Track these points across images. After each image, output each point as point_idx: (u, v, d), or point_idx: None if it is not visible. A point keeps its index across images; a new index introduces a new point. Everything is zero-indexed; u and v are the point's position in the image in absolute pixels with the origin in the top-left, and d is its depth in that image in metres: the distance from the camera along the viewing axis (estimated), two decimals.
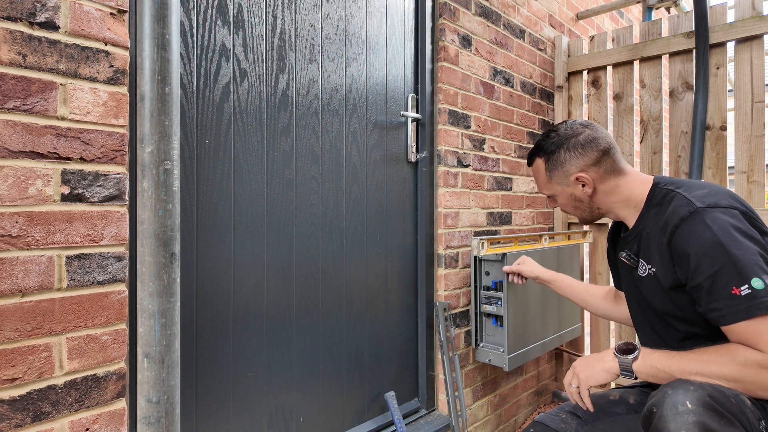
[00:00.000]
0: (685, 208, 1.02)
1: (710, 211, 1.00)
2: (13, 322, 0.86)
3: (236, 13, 1.30)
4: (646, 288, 1.16)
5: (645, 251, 1.15)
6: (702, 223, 0.99)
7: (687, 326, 1.10)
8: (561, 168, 1.23)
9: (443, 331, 1.82)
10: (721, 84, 2.07)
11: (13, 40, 0.86)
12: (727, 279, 0.94)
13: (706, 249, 0.97)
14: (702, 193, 1.05)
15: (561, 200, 1.28)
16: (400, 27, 1.81)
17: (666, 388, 0.92)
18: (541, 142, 1.27)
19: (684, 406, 0.85)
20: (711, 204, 1.01)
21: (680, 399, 0.86)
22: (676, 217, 1.03)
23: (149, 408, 0.74)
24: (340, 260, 1.57)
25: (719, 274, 0.95)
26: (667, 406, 0.87)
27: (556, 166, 1.23)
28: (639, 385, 1.31)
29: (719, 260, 0.95)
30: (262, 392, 1.36)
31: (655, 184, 1.16)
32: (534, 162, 1.30)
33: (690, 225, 1.01)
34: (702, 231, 0.98)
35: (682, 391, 0.88)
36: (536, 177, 1.31)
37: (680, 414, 0.84)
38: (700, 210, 1.00)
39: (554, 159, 1.23)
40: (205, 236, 1.24)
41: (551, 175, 1.25)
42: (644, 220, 1.16)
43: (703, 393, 0.87)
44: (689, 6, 3.20)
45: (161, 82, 0.74)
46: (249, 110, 1.33)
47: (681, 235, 1.01)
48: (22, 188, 0.87)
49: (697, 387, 0.88)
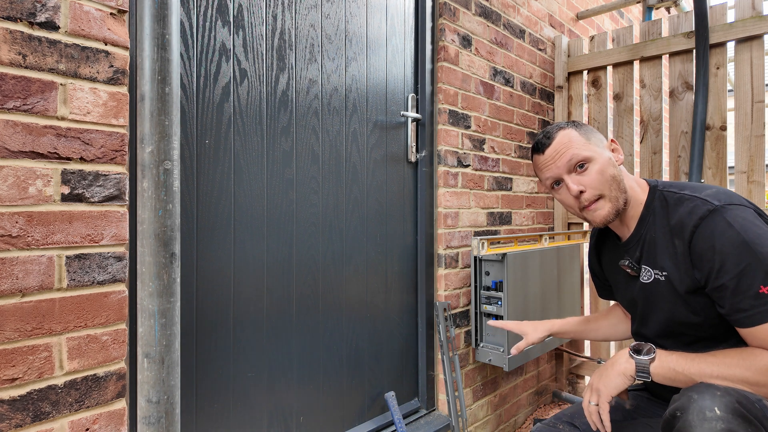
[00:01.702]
0: (703, 207, 0.99)
1: (729, 208, 0.97)
2: (13, 322, 0.86)
3: (236, 13, 1.30)
4: (653, 294, 1.12)
5: (649, 257, 1.11)
6: (723, 221, 0.96)
7: (696, 331, 1.07)
8: (594, 134, 1.13)
9: (443, 331, 1.82)
10: (721, 84, 2.07)
11: (13, 40, 0.86)
12: (753, 278, 0.91)
13: (731, 247, 0.94)
14: (711, 192, 1.02)
15: (599, 166, 1.09)
16: (400, 27, 1.81)
17: (690, 392, 0.87)
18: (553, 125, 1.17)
19: (712, 412, 0.81)
20: (727, 202, 0.98)
21: (707, 404, 0.82)
22: (694, 217, 0.99)
23: (149, 408, 0.74)
24: (340, 260, 1.57)
25: (745, 273, 0.92)
26: (693, 411, 0.83)
27: (590, 131, 1.14)
28: (634, 389, 1.27)
29: (744, 258, 0.92)
30: (262, 392, 1.36)
31: (653, 187, 1.13)
32: (558, 134, 1.13)
33: (711, 223, 0.97)
34: (725, 229, 0.95)
35: (708, 396, 0.84)
36: (566, 143, 1.11)
37: (708, 420, 0.81)
38: (720, 208, 0.97)
39: (584, 127, 1.13)
40: (205, 236, 1.24)
41: (589, 137, 1.12)
42: (645, 225, 1.11)
43: (731, 399, 0.83)
44: (689, 6, 3.20)
45: (161, 82, 0.74)
46: (249, 110, 1.33)
47: (702, 235, 0.98)
48: (22, 188, 0.87)
49: (723, 393, 0.84)
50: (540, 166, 1.17)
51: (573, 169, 1.11)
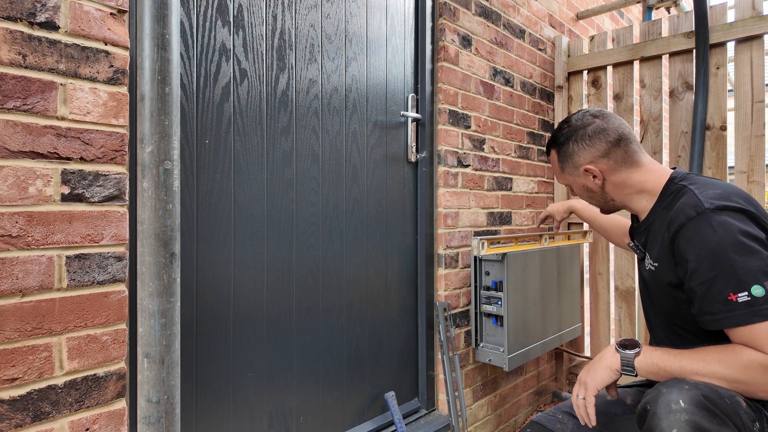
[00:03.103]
0: (692, 209, 1.00)
1: (718, 213, 0.97)
2: (13, 322, 0.86)
3: (236, 13, 1.30)
4: (650, 281, 1.17)
5: (651, 245, 1.16)
6: (708, 225, 0.97)
7: (681, 323, 1.11)
8: (570, 160, 1.23)
9: (443, 331, 1.82)
10: (721, 84, 2.07)
11: (13, 40, 0.86)
12: (724, 285, 0.93)
13: (707, 253, 0.96)
14: (713, 193, 1.02)
15: (576, 190, 1.29)
16: (400, 27, 1.80)
17: (661, 386, 0.92)
18: (555, 134, 1.27)
19: (677, 404, 0.85)
20: (720, 206, 0.98)
21: (674, 398, 0.86)
22: (682, 216, 1.01)
23: (149, 408, 0.74)
24: (340, 260, 1.57)
25: (716, 280, 0.94)
26: (660, 404, 0.87)
27: (566, 158, 1.24)
28: (637, 385, 1.30)
29: (718, 266, 0.94)
30: (262, 392, 1.36)
31: (671, 178, 1.14)
32: (550, 153, 1.32)
33: (695, 226, 0.99)
34: (706, 234, 0.97)
35: (676, 389, 0.88)
36: (552, 167, 1.33)
37: (673, 412, 0.85)
38: (708, 212, 0.98)
39: (564, 151, 1.24)
40: (205, 236, 1.24)
41: (563, 167, 1.27)
42: (654, 215, 1.15)
43: (697, 392, 0.86)
44: (689, 6, 3.20)
45: (161, 82, 0.74)
46: (249, 110, 1.33)
47: (684, 236, 1.00)
48: (22, 188, 0.87)
49: (691, 386, 0.88)
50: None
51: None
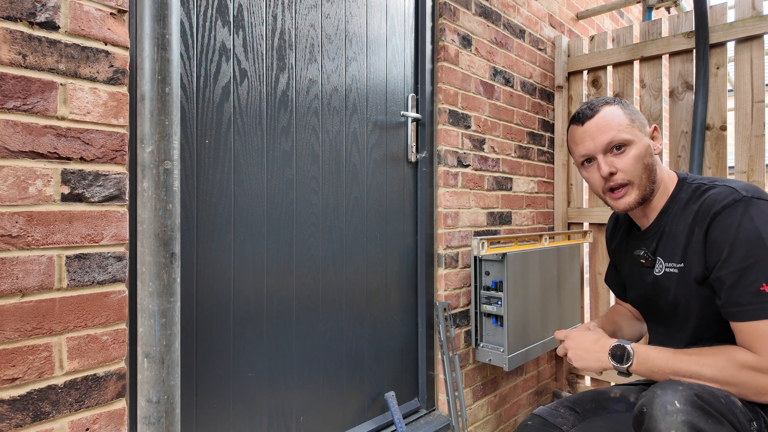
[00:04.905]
0: (730, 196, 0.98)
1: (756, 202, 0.96)
2: (13, 322, 0.86)
3: (236, 13, 1.30)
4: (661, 287, 1.13)
5: (665, 249, 1.11)
6: (746, 213, 0.95)
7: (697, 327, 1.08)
8: (638, 117, 1.09)
9: (443, 331, 1.82)
10: (721, 84, 2.07)
11: (13, 40, 0.86)
12: (758, 274, 0.92)
13: (744, 240, 0.94)
14: (742, 184, 1.01)
15: (636, 151, 1.06)
16: (400, 27, 1.81)
17: (656, 388, 0.92)
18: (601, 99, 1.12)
19: (673, 405, 0.85)
20: (757, 195, 0.97)
21: (669, 399, 0.87)
22: (718, 204, 0.99)
23: (149, 408, 0.74)
24: (340, 260, 1.57)
25: (750, 269, 0.92)
26: (656, 406, 0.87)
27: (635, 114, 1.09)
28: (641, 383, 1.30)
29: (754, 254, 0.92)
30: (263, 392, 1.36)
31: (682, 179, 1.12)
32: (602, 109, 1.09)
33: (733, 213, 0.97)
34: (744, 221, 0.95)
35: (671, 391, 0.88)
36: (609, 121, 1.08)
37: (669, 414, 0.85)
38: (746, 199, 0.96)
39: (630, 108, 1.10)
40: (205, 236, 1.24)
41: (633, 119, 1.08)
42: (667, 216, 1.11)
43: (690, 393, 0.87)
44: (689, 6, 3.20)
45: (161, 82, 0.74)
46: (249, 110, 1.33)
47: (721, 222, 0.98)
48: (22, 188, 0.87)
49: (685, 387, 0.89)
50: (576, 138, 1.13)
51: (609, 150, 1.08)
